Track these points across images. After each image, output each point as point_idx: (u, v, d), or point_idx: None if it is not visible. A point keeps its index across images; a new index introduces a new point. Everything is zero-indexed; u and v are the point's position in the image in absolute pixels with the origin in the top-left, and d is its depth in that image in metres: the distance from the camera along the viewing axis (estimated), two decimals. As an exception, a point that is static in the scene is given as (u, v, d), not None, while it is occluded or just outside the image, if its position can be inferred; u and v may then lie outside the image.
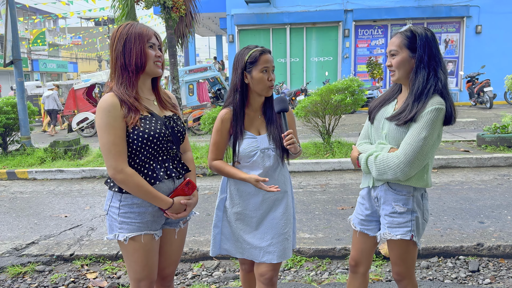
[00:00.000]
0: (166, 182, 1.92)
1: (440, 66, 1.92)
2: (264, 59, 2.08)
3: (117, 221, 1.88)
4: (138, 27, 1.85)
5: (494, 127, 7.05)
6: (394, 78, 2.00)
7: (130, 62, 1.82)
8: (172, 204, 1.89)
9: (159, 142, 1.87)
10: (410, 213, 1.96)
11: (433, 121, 1.84)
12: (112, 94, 1.83)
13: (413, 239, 1.96)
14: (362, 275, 2.19)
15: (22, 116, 7.97)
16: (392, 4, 15.73)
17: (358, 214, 2.17)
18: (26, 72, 31.75)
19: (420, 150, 1.84)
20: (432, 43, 1.92)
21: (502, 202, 4.52)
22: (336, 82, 6.89)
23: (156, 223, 1.94)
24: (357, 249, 2.18)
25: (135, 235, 1.87)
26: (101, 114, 1.79)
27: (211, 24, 21.19)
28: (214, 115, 6.92)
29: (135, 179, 1.80)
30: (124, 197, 1.86)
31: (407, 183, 1.94)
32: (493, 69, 14.46)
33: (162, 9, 7.83)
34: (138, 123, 1.82)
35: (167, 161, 1.94)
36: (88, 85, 12.55)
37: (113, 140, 1.78)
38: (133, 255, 1.89)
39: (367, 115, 2.18)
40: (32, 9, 34.89)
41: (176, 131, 1.97)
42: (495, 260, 3.36)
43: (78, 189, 6.02)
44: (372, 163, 1.96)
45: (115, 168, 1.79)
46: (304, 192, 5.29)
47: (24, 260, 3.61)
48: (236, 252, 2.23)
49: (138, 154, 1.85)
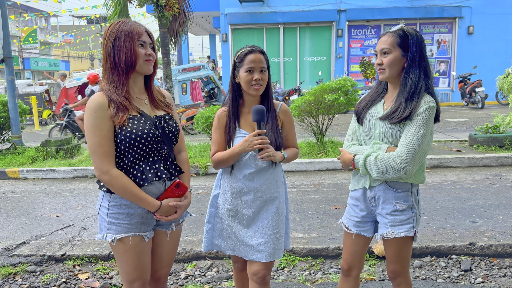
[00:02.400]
0: (156, 184, 1.88)
1: (428, 66, 1.98)
2: (249, 59, 2.08)
3: (106, 221, 1.85)
4: (129, 24, 1.82)
5: (486, 127, 7.10)
6: (383, 76, 2.01)
7: (120, 60, 1.79)
8: (159, 206, 1.85)
9: (148, 142, 1.83)
10: (411, 210, 1.99)
11: (428, 119, 1.89)
12: (101, 93, 1.80)
13: (416, 234, 1.99)
14: (354, 278, 2.19)
15: (13, 114, 7.89)
16: (385, 4, 15.80)
17: (353, 216, 2.15)
18: (17, 70, 31.45)
19: (420, 148, 1.88)
20: (422, 44, 1.97)
21: (494, 202, 4.55)
22: (329, 82, 6.91)
23: (146, 225, 1.90)
24: (349, 252, 2.16)
25: (123, 237, 1.84)
26: (88, 115, 1.77)
27: (205, 23, 21.14)
28: (207, 114, 6.89)
29: (121, 181, 1.77)
30: (113, 198, 1.84)
31: (406, 181, 1.97)
32: (484, 69, 14.58)
33: (155, 7, 7.79)
34: (126, 123, 1.78)
35: (158, 162, 1.89)
36: (80, 84, 12.46)
37: (99, 141, 1.75)
38: (123, 256, 1.86)
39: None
40: (23, 7, 34.56)
41: (168, 131, 1.92)
42: (487, 259, 3.38)
43: (70, 188, 5.97)
44: (372, 163, 1.95)
45: (100, 169, 1.77)
46: (297, 191, 5.28)
47: (14, 261, 3.57)
48: (227, 249, 2.23)
49: (126, 154, 1.82)
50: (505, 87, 7.17)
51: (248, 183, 2.14)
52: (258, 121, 2.04)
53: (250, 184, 2.13)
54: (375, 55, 2.05)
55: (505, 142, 6.73)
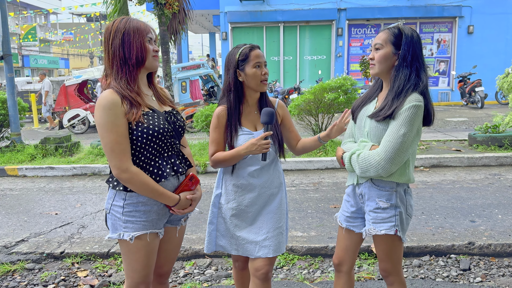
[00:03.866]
0: (170, 179, 1.89)
1: (422, 68, 1.96)
2: (254, 54, 2.10)
3: (121, 220, 1.83)
4: (135, 21, 1.82)
5: (485, 126, 7.10)
6: (373, 71, 2.02)
7: (131, 56, 1.78)
8: (178, 200, 1.87)
9: (164, 137, 1.83)
10: (394, 208, 1.99)
11: (411, 118, 1.87)
12: (111, 90, 1.77)
13: (397, 233, 1.98)
14: (345, 274, 2.19)
15: (12, 112, 7.87)
16: (385, 3, 15.79)
17: (344, 211, 2.20)
18: (17, 68, 31.40)
19: (400, 146, 1.86)
20: (417, 44, 1.95)
21: (493, 201, 4.55)
22: (329, 81, 6.91)
23: (161, 221, 1.91)
24: (341, 247, 2.19)
25: (141, 234, 1.83)
26: (101, 112, 1.72)
27: (204, 21, 21.11)
28: (207, 113, 6.89)
29: (141, 178, 1.76)
30: (129, 196, 1.82)
31: (389, 179, 1.97)
32: (484, 69, 14.58)
33: (155, 5, 7.78)
34: (142, 119, 1.77)
35: (173, 156, 1.91)
36: (80, 82, 12.44)
37: (116, 138, 1.73)
38: (135, 254, 1.85)
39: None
40: (23, 4, 34.52)
41: (178, 126, 1.94)
42: (486, 259, 3.38)
43: (69, 186, 5.97)
44: (355, 161, 1.98)
45: (119, 168, 1.74)
46: (297, 190, 5.28)
47: (13, 258, 3.57)
48: (231, 249, 2.22)
49: (142, 151, 1.81)
50: (504, 87, 7.16)
51: (253, 180, 2.14)
52: (267, 123, 2.04)
53: (254, 181, 2.14)
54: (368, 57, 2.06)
55: (504, 142, 6.73)
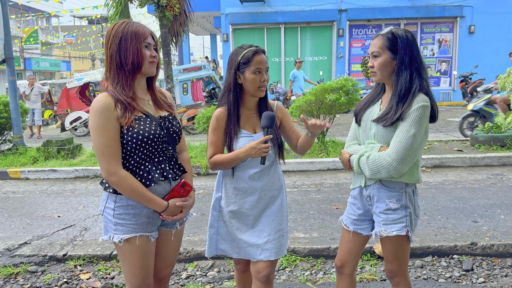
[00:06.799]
0: (162, 184, 1.89)
1: (421, 66, 1.97)
2: (257, 60, 2.06)
3: (112, 222, 1.85)
4: (134, 26, 1.82)
5: (487, 126, 7.09)
6: (375, 79, 2.06)
7: (127, 61, 1.79)
8: (167, 206, 1.86)
9: (154, 143, 1.84)
10: (404, 209, 1.99)
11: (420, 118, 1.89)
12: (106, 94, 1.79)
13: (408, 234, 1.98)
14: (348, 276, 2.19)
15: (14, 115, 7.90)
16: (386, 4, 15.78)
17: (350, 214, 2.18)
18: (19, 70, 31.47)
19: (411, 147, 1.88)
20: (413, 45, 1.96)
21: (495, 202, 4.54)
22: (330, 82, 6.91)
23: (152, 225, 1.91)
24: (345, 249, 2.18)
25: (130, 237, 1.84)
26: (94, 116, 1.76)
27: (206, 23, 21.15)
28: (208, 114, 6.90)
29: (129, 182, 1.78)
30: (119, 198, 1.83)
31: (399, 180, 1.97)
32: (486, 69, 14.53)
33: (156, 7, 7.80)
34: (133, 123, 1.79)
35: (163, 162, 1.91)
36: (82, 84, 12.47)
37: (106, 142, 1.75)
38: (129, 257, 1.86)
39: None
40: (25, 7, 34.60)
41: (172, 131, 1.94)
42: (488, 259, 3.37)
43: (71, 188, 5.98)
44: (364, 163, 1.98)
45: (108, 171, 1.76)
46: (298, 191, 5.28)
47: (16, 261, 3.58)
48: (232, 252, 2.21)
49: (132, 155, 1.82)
50: (506, 87, 7.15)
51: (253, 183, 2.13)
52: (267, 127, 2.03)
53: (255, 184, 2.13)
54: (368, 57, 2.07)
55: (506, 142, 6.72)
